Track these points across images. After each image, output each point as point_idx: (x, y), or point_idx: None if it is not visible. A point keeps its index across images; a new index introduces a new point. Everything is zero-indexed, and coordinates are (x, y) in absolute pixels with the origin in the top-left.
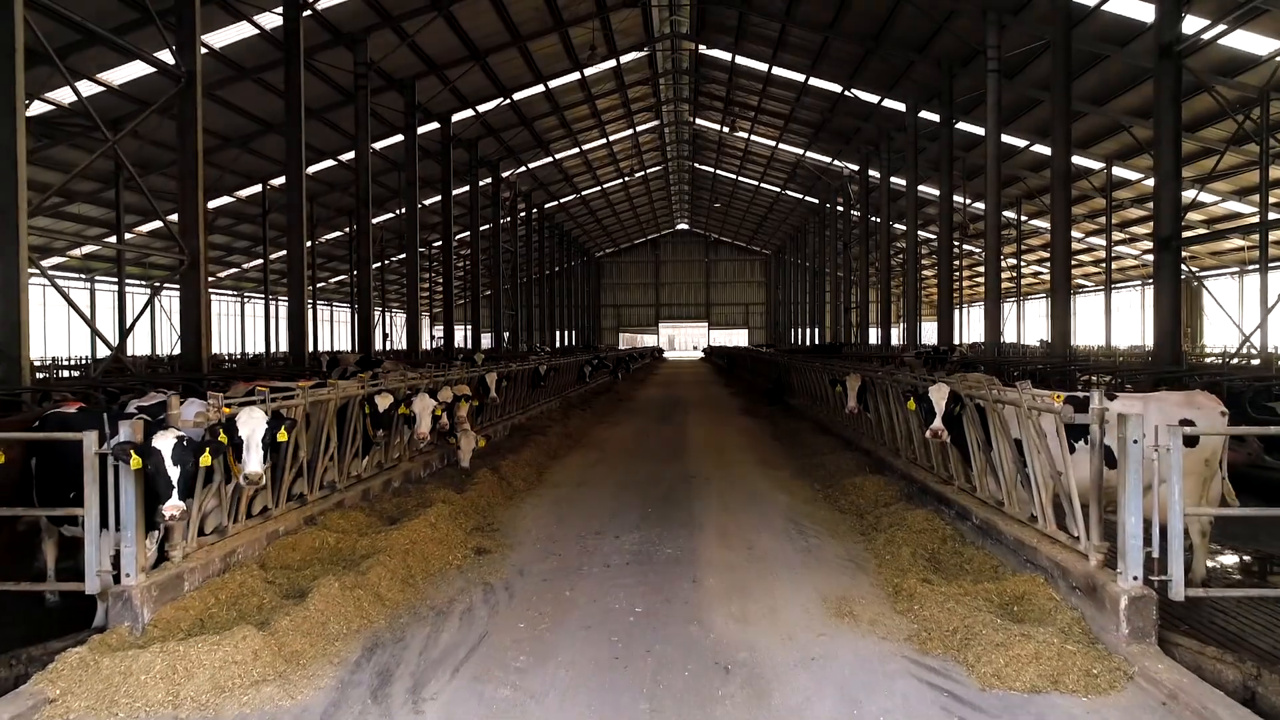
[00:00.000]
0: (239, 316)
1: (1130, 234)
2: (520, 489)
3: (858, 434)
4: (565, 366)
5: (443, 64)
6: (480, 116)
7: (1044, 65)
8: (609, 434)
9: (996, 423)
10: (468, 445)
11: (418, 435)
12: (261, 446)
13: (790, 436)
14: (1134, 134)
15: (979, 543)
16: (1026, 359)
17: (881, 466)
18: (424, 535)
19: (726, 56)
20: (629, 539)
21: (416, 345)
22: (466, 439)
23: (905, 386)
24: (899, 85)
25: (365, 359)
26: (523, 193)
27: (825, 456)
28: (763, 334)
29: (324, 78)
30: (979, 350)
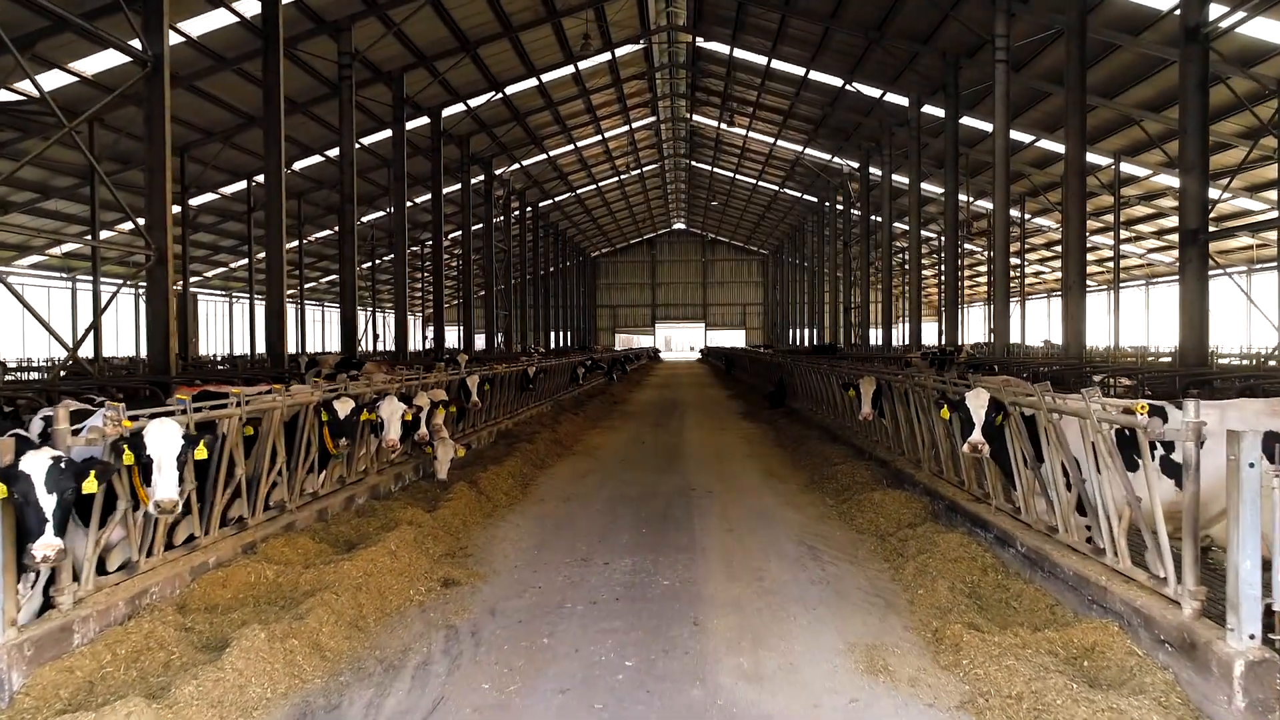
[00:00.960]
0: (227, 317)
1: (1136, 232)
2: (501, 505)
3: (871, 442)
4: (557, 368)
5: (432, 55)
6: (471, 111)
7: (1053, 56)
8: (602, 440)
9: (1051, 435)
10: (445, 455)
11: (387, 444)
12: (176, 466)
13: (796, 444)
14: (1145, 128)
15: (1028, 575)
16: (1034, 360)
17: (900, 479)
18: (383, 565)
19: (724, 49)
20: (620, 566)
21: (404, 346)
22: (444, 448)
23: (933, 392)
24: (902, 78)
25: (346, 360)
26: (516, 190)
27: (837, 467)
28: (760, 334)
29: (308, 69)
30: (983, 350)
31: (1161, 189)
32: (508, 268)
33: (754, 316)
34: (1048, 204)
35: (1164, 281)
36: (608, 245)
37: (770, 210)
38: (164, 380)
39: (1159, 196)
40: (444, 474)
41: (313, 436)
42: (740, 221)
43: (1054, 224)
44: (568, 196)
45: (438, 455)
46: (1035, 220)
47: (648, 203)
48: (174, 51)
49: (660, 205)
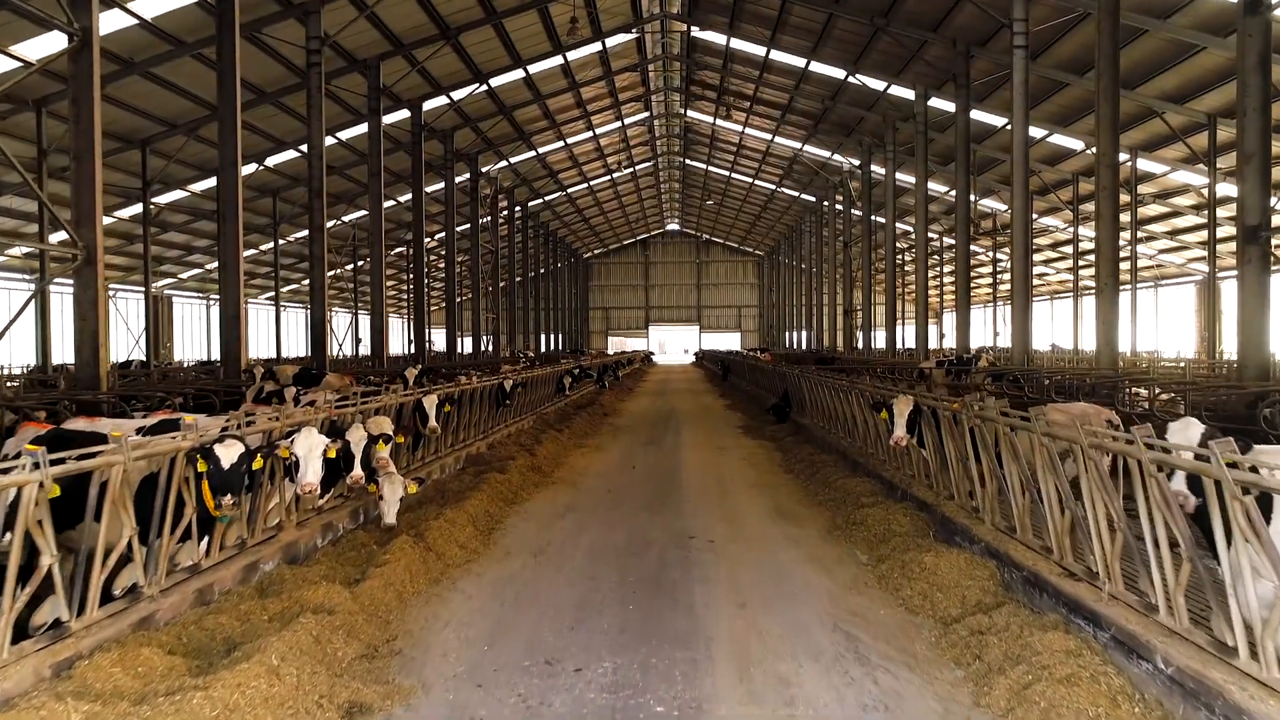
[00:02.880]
0: (204, 320)
1: (1149, 232)
2: (454, 563)
3: (903, 476)
4: (540, 379)
5: (410, 43)
6: (454, 104)
7: (1071, 44)
8: (587, 464)
9: (1240, 519)
10: (393, 494)
11: (303, 490)
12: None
13: (809, 471)
14: (1167, 120)
15: (1194, 714)
16: (1058, 369)
17: (951, 531)
18: (255, 694)
19: (721, 39)
20: (598, 674)
21: (381, 352)
22: (391, 485)
23: (1004, 428)
24: (908, 69)
25: (305, 372)
26: (505, 189)
27: (865, 510)
28: (755, 337)
29: (277, 56)
30: (990, 354)
31: (1178, 187)
32: (495, 269)
33: (749, 319)
34: (1058, 203)
35: (1173, 283)
36: (600, 246)
37: (767, 210)
38: (83, 399)
39: (1174, 195)
40: (391, 517)
41: (187, 494)
42: (735, 222)
43: (1062, 224)
44: (558, 195)
45: (384, 495)
46: (1041, 220)
47: (641, 202)
48: (126, 35)
49: (654, 205)
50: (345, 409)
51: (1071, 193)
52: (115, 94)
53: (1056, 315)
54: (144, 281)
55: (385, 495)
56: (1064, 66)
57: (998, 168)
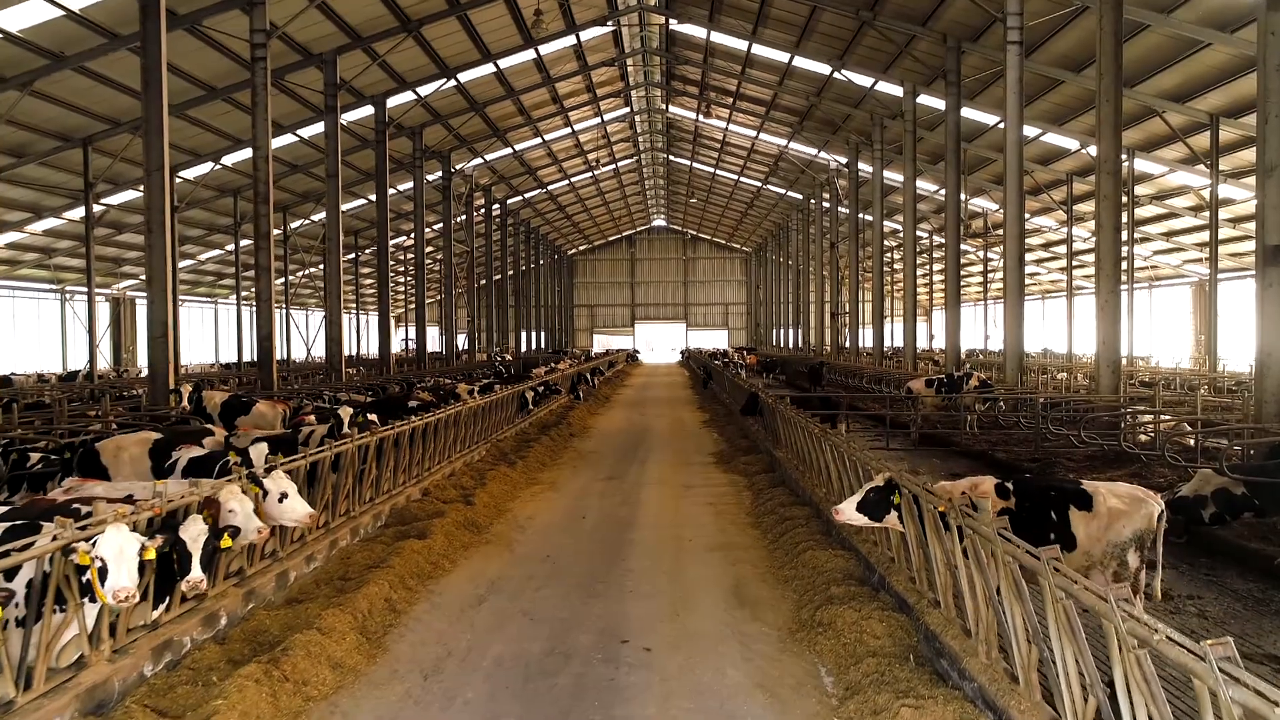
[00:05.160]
0: (184, 323)
1: (1144, 234)
2: (316, 696)
3: (881, 553)
4: (496, 403)
5: (368, 36)
6: (422, 100)
7: (1067, 40)
8: (533, 511)
9: None
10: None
11: (115, 599)
12: None
13: (777, 529)
14: (1167, 120)
15: None
16: (1055, 395)
17: (936, 651)
18: None
19: (701, 33)
20: None
21: (338, 364)
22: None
23: (1009, 559)
24: (896, 65)
25: (236, 399)
26: (481, 186)
27: (837, 607)
28: (743, 335)
29: (224, 49)
30: (979, 358)
31: (1175, 188)
32: (470, 268)
33: (737, 317)
34: (1051, 203)
35: (1168, 285)
36: (585, 242)
37: (753, 207)
38: None
39: (1171, 196)
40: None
41: None
42: (722, 219)
43: (1055, 224)
44: (539, 193)
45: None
46: (1034, 220)
47: (625, 199)
48: (54, 27)
49: (639, 201)
50: (151, 506)
51: (1065, 193)
52: (49, 90)
53: (1049, 315)
54: (87, 283)
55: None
56: (1059, 63)
57: (989, 167)
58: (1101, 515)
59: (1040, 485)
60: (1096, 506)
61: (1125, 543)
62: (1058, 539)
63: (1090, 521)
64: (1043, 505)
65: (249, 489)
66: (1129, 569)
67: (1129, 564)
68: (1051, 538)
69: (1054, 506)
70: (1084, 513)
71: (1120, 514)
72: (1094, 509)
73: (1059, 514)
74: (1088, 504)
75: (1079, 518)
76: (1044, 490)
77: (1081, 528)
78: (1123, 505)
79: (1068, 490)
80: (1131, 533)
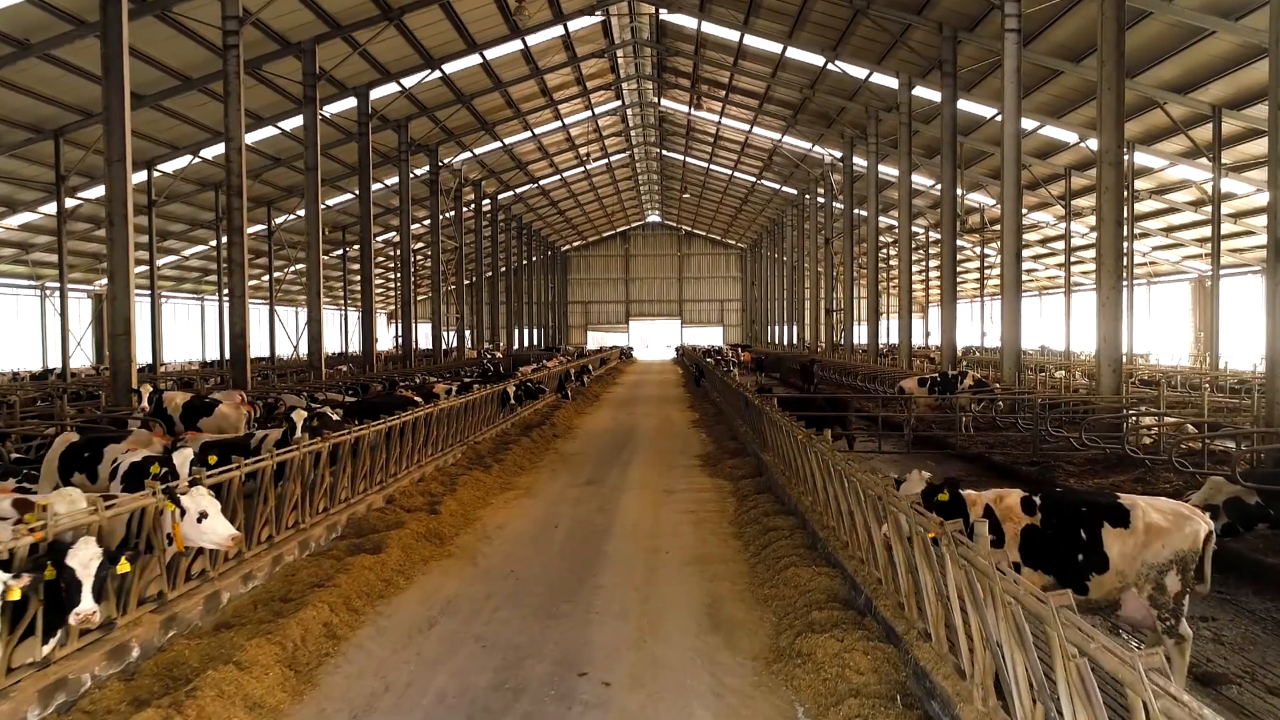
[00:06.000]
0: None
1: (1143, 229)
2: None
3: (868, 573)
4: (473, 404)
5: (348, 24)
6: (406, 91)
7: (1065, 29)
8: (504, 519)
9: None
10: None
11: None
12: None
13: (760, 541)
14: (1168, 111)
15: None
16: (1053, 396)
17: (927, 690)
18: None
19: (692, 23)
20: None
21: (319, 363)
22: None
23: (1016, 608)
24: (891, 56)
25: (198, 400)
26: (471, 181)
27: (818, 636)
28: (738, 332)
29: (200, 39)
30: (973, 355)
31: (1175, 182)
32: (459, 263)
33: (732, 313)
34: (1049, 198)
35: (1166, 281)
36: (578, 239)
37: (747, 203)
38: None
39: (1170, 191)
40: None
41: None
42: (717, 214)
43: (1053, 219)
44: (530, 188)
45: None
46: (1031, 215)
47: (619, 194)
48: (18, 12)
49: (632, 197)
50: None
51: (1063, 187)
52: (16, 79)
53: (1046, 311)
54: (59, 279)
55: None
56: (1058, 53)
57: (985, 161)
58: (1138, 532)
59: (1071, 500)
60: (1134, 522)
61: (1164, 564)
62: (1087, 560)
63: (1126, 539)
64: (1072, 522)
65: (165, 506)
66: (1167, 593)
67: (1167, 588)
68: (1080, 559)
69: (1085, 524)
70: (1119, 529)
71: (1160, 532)
72: (1130, 525)
73: (1090, 532)
74: (1124, 520)
75: (1113, 535)
76: (1075, 505)
77: (1115, 546)
78: (1163, 522)
79: (1101, 505)
80: (1172, 553)
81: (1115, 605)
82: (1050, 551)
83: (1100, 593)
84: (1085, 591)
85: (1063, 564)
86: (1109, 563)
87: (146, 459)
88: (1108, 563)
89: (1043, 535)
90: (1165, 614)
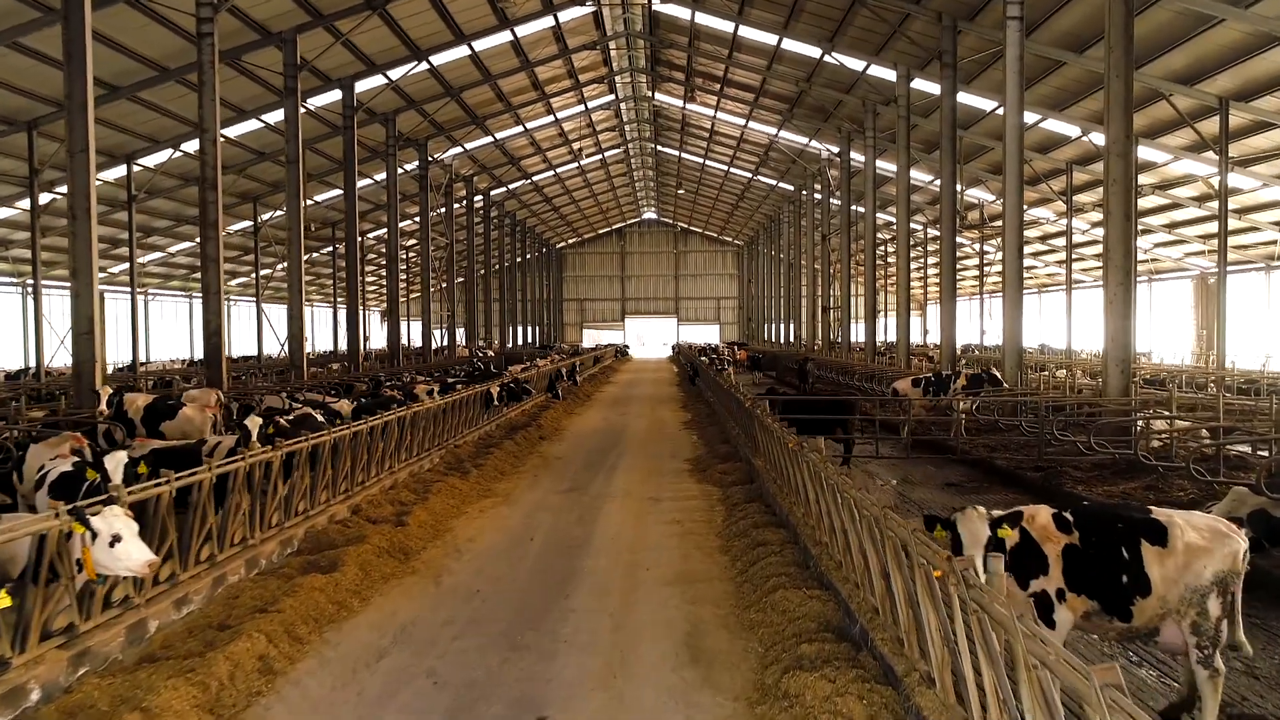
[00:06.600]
0: (142, 317)
1: (1146, 225)
2: None
3: (864, 600)
4: (453, 405)
5: (330, 13)
6: (393, 84)
7: (1070, 16)
8: (476, 530)
9: None
10: None
11: None
12: None
13: (748, 558)
14: (1174, 103)
15: None
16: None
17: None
18: None
19: (685, 14)
20: None
21: (300, 362)
22: None
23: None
24: (888, 47)
25: (161, 403)
26: (462, 177)
27: (809, 675)
28: (735, 330)
29: (175, 28)
30: (972, 354)
31: (1179, 177)
32: (450, 260)
33: (729, 311)
34: (1049, 193)
35: (1168, 278)
36: (574, 235)
37: (744, 199)
38: None
39: (1174, 186)
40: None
41: None
42: (713, 211)
43: (1053, 215)
44: (523, 184)
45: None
46: (1031, 211)
47: (613, 190)
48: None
49: (628, 193)
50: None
51: (1065, 182)
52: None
53: (1045, 309)
54: (33, 275)
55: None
56: (1061, 43)
57: (985, 155)
58: (1178, 552)
59: (1105, 514)
60: (1172, 541)
61: (1206, 586)
62: (1131, 583)
63: (1166, 560)
64: (1112, 540)
65: (73, 528)
66: (1209, 619)
67: (1209, 612)
68: (1124, 580)
69: (1125, 541)
70: (1158, 548)
71: (1200, 551)
72: (1169, 544)
73: (1131, 551)
74: (1161, 538)
75: (1152, 555)
76: (1110, 521)
77: (1156, 567)
78: (1202, 540)
79: (1136, 521)
80: (1213, 574)
81: (1154, 632)
82: (1093, 572)
83: (1143, 619)
84: (1129, 618)
85: (1107, 587)
86: (1151, 586)
87: (79, 465)
88: (1150, 586)
89: (1085, 555)
90: (1205, 642)
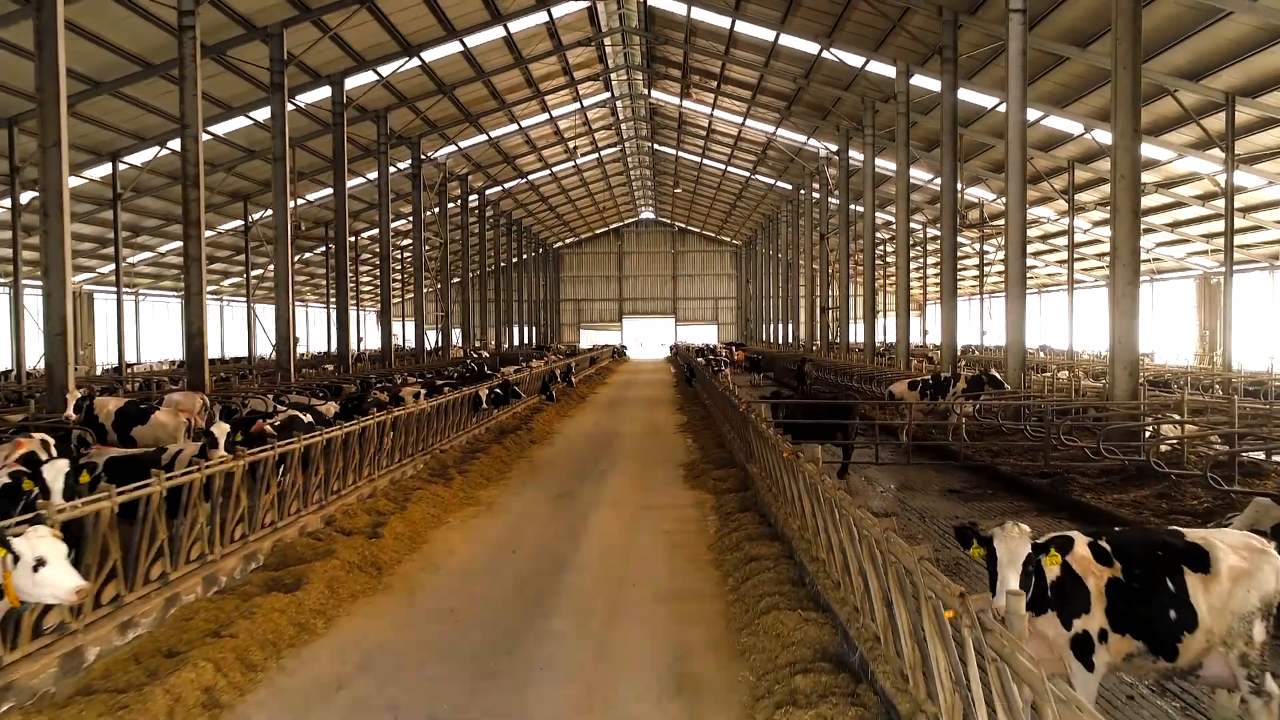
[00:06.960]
0: (135, 317)
1: (1148, 224)
2: None
3: (864, 626)
4: (439, 409)
5: (317, 7)
6: (384, 80)
7: (1074, 10)
8: (456, 541)
9: None
10: None
11: None
12: None
13: (741, 575)
14: (1179, 99)
15: None
16: (1063, 401)
17: None
18: None
19: (681, 10)
20: None
21: (287, 364)
22: None
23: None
24: (888, 43)
25: (133, 407)
26: (457, 175)
27: (804, 714)
28: (733, 330)
29: (159, 22)
30: (972, 354)
31: (1182, 175)
32: (444, 260)
33: (727, 311)
34: (1051, 192)
35: (1169, 278)
36: (571, 235)
37: (742, 199)
38: None
39: (1177, 184)
40: None
41: None
42: (711, 211)
43: (1054, 214)
44: (520, 183)
45: None
46: (1032, 210)
47: (610, 189)
48: None
49: (625, 192)
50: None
51: (1066, 181)
52: None
53: (1045, 309)
54: (13, 274)
55: None
56: (1064, 38)
57: (985, 154)
58: (1222, 578)
59: (1143, 542)
60: (1215, 566)
61: (1252, 613)
62: (1179, 617)
63: (1210, 587)
64: (1154, 570)
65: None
66: (1255, 647)
67: (1255, 640)
68: (1172, 616)
69: (1168, 571)
70: (1200, 575)
71: (1243, 574)
72: (1212, 569)
73: (1176, 582)
74: (1204, 563)
75: (1197, 583)
76: (1150, 549)
77: (1201, 597)
78: (1243, 562)
79: (1175, 547)
80: (1259, 598)
81: (1196, 668)
82: (1136, 608)
83: (1188, 657)
84: (1175, 657)
85: (1153, 625)
86: (1199, 619)
87: (16, 475)
88: (1197, 619)
89: (1129, 589)
90: (1254, 672)
